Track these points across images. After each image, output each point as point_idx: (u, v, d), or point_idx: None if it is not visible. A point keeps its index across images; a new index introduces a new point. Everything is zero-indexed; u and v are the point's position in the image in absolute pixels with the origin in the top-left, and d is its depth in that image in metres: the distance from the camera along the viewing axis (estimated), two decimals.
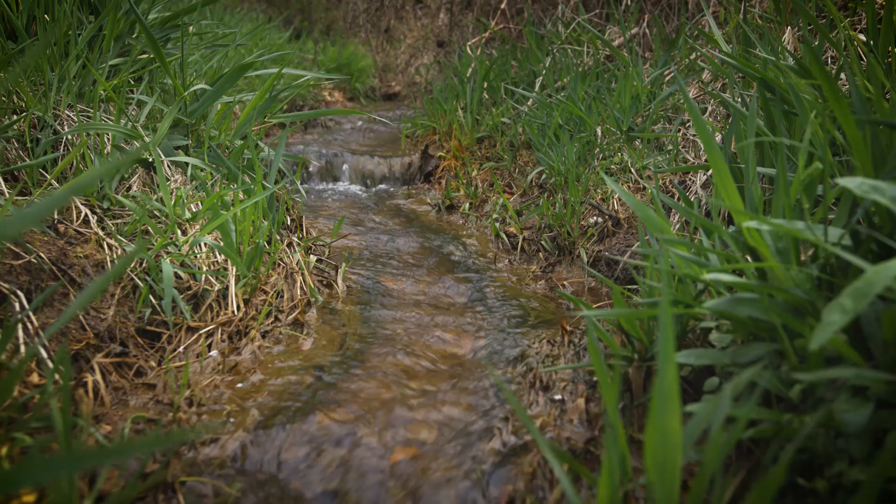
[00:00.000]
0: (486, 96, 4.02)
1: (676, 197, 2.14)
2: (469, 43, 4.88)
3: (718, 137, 2.14)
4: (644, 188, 2.36)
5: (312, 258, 2.06)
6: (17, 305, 1.32)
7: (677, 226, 1.98)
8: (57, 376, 1.14)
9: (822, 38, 1.61)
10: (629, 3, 4.09)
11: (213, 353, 1.54)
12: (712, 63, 1.95)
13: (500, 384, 0.72)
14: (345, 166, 3.74)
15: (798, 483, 0.84)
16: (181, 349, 1.53)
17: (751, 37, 1.73)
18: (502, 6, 5.10)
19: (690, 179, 2.20)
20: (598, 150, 2.71)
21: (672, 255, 1.16)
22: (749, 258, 1.10)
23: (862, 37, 1.97)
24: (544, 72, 3.61)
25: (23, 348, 1.24)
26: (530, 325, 1.81)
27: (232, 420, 1.29)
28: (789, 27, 2.08)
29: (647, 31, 3.90)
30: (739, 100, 1.77)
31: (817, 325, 0.75)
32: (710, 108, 2.55)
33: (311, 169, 3.68)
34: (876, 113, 1.04)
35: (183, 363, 1.47)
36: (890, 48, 1.56)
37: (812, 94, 1.44)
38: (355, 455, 1.19)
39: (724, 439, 0.70)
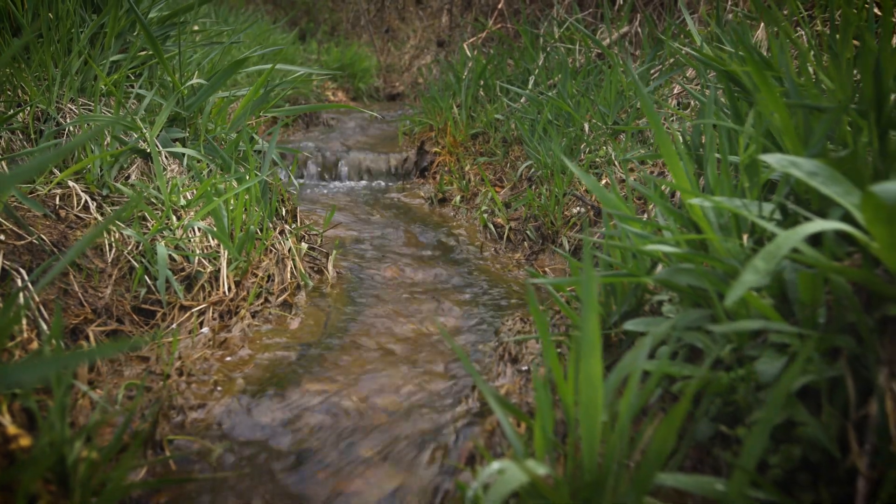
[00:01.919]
0: (483, 94, 4.10)
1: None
2: (466, 42, 4.97)
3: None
4: (625, 179, 2.43)
5: (304, 245, 2.15)
6: (18, 282, 1.42)
7: (652, 214, 2.06)
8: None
9: (783, 35, 1.68)
10: (622, 2, 4.17)
11: (205, 329, 1.63)
12: (686, 59, 2.02)
13: (460, 354, 0.81)
14: (342, 162, 3.84)
15: (723, 432, 0.92)
16: (174, 326, 1.62)
17: (718, 33, 1.81)
18: (500, 6, 5.19)
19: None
20: (584, 144, 2.79)
21: (628, 232, 1.24)
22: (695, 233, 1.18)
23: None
24: (538, 70, 3.69)
25: (24, 322, 1.33)
26: (508, 307, 1.89)
27: (219, 388, 1.38)
28: (763, 24, 2.16)
29: (640, 29, 3.97)
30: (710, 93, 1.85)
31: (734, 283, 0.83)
32: (692, 104, 2.63)
33: (309, 164, 3.77)
34: (808, 99, 1.12)
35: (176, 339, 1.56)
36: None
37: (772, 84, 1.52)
38: (332, 419, 1.28)
39: (639, 390, 0.78)
